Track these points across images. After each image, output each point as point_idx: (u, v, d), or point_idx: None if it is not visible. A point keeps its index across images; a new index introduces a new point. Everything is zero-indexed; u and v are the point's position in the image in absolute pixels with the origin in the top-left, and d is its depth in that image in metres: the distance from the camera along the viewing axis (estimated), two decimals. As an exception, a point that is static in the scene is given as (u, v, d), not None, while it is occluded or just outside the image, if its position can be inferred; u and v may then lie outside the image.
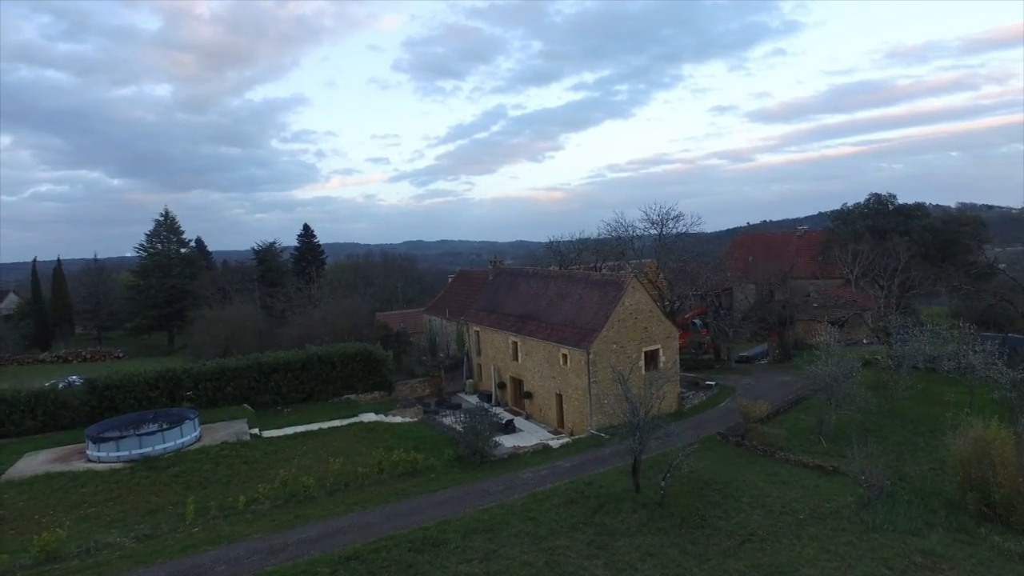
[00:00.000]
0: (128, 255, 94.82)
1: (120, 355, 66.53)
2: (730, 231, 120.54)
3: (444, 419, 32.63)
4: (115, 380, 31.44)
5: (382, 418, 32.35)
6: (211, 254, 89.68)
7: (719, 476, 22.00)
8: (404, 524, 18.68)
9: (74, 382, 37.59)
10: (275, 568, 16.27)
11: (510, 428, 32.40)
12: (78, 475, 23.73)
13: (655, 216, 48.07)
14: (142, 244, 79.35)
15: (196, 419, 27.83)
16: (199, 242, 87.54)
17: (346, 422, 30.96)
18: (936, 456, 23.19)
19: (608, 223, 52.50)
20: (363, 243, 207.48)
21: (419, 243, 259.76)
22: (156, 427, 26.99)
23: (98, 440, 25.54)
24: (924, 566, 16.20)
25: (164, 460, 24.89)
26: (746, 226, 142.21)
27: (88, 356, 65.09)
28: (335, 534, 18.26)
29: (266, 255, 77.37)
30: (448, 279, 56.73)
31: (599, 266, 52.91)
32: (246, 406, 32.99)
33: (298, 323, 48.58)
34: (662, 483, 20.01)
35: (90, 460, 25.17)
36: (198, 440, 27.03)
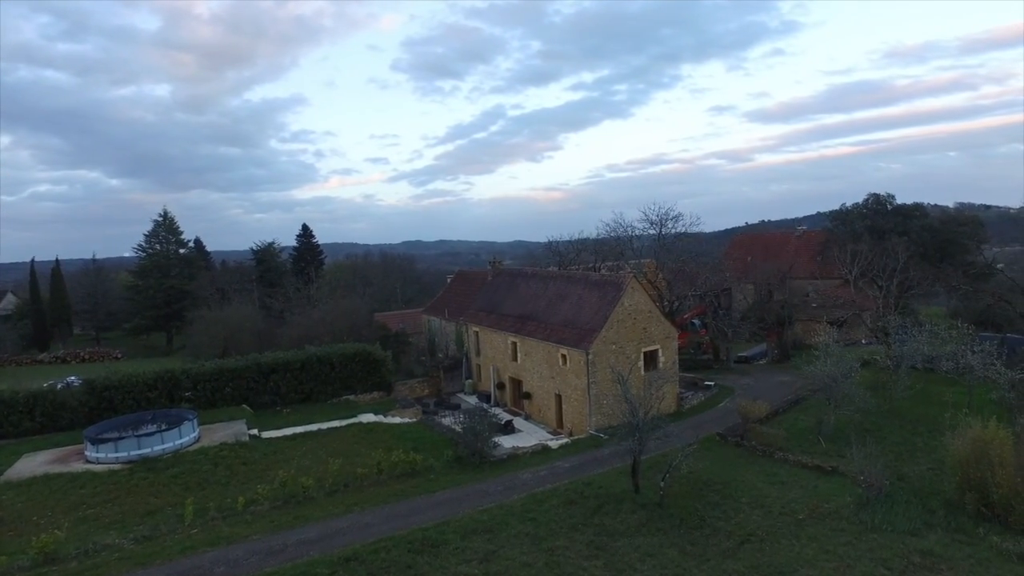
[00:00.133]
0: (127, 255, 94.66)
1: (119, 356, 66.42)
2: (729, 231, 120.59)
3: (443, 419, 32.61)
4: (114, 381, 31.40)
5: (381, 419, 32.34)
6: (210, 254, 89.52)
7: (718, 476, 22.02)
8: (403, 525, 18.68)
9: (72, 383, 37.45)
10: (274, 569, 16.26)
11: (509, 429, 32.38)
12: (76, 476, 23.69)
13: (654, 216, 48.18)
14: (141, 244, 79.30)
15: (195, 420, 27.81)
16: (198, 242, 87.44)
17: (345, 423, 30.94)
18: (935, 456, 23.22)
19: (607, 223, 52.54)
20: (362, 243, 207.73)
21: (418, 243, 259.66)
22: (155, 428, 26.93)
23: (97, 441, 25.51)
24: (923, 566, 16.24)
25: (163, 461, 24.87)
26: (745, 226, 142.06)
27: (86, 357, 64.94)
28: (334, 535, 18.26)
29: (265, 255, 77.30)
30: (447, 279, 56.72)
31: (598, 266, 52.91)
32: (245, 407, 32.98)
33: (297, 323, 48.53)
34: (661, 483, 20.03)
35: (89, 461, 25.15)
36: (197, 441, 27.01)
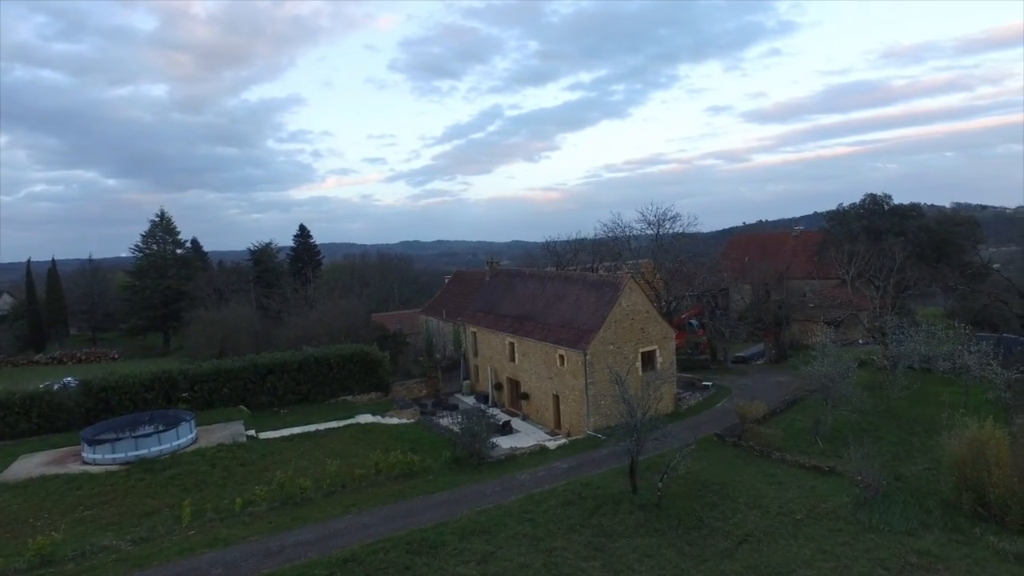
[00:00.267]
0: (123, 255, 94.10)
1: (115, 356, 66.26)
2: (726, 231, 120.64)
3: (441, 420, 32.61)
4: (110, 382, 31.31)
5: (379, 419, 32.30)
6: (207, 255, 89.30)
7: (716, 477, 22.06)
8: (401, 526, 18.68)
9: (69, 384, 37.37)
10: (272, 571, 16.24)
11: (507, 429, 32.36)
12: (73, 478, 23.62)
13: (651, 216, 48.30)
14: (137, 245, 78.94)
15: (192, 421, 27.75)
16: (195, 242, 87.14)
17: (343, 423, 30.89)
18: (932, 456, 23.30)
19: (605, 223, 52.72)
20: (359, 243, 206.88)
21: (415, 243, 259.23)
22: (152, 429, 26.86)
23: (93, 442, 25.43)
24: (920, 566, 16.30)
25: (160, 462, 24.80)
26: (742, 226, 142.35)
27: (83, 357, 64.80)
28: (332, 536, 18.24)
29: (262, 256, 77.15)
30: (445, 280, 56.70)
31: (596, 267, 52.87)
32: (242, 408, 32.90)
33: (294, 324, 48.47)
34: (659, 484, 20.05)
35: (85, 462, 25.07)
36: (194, 442, 26.95)
